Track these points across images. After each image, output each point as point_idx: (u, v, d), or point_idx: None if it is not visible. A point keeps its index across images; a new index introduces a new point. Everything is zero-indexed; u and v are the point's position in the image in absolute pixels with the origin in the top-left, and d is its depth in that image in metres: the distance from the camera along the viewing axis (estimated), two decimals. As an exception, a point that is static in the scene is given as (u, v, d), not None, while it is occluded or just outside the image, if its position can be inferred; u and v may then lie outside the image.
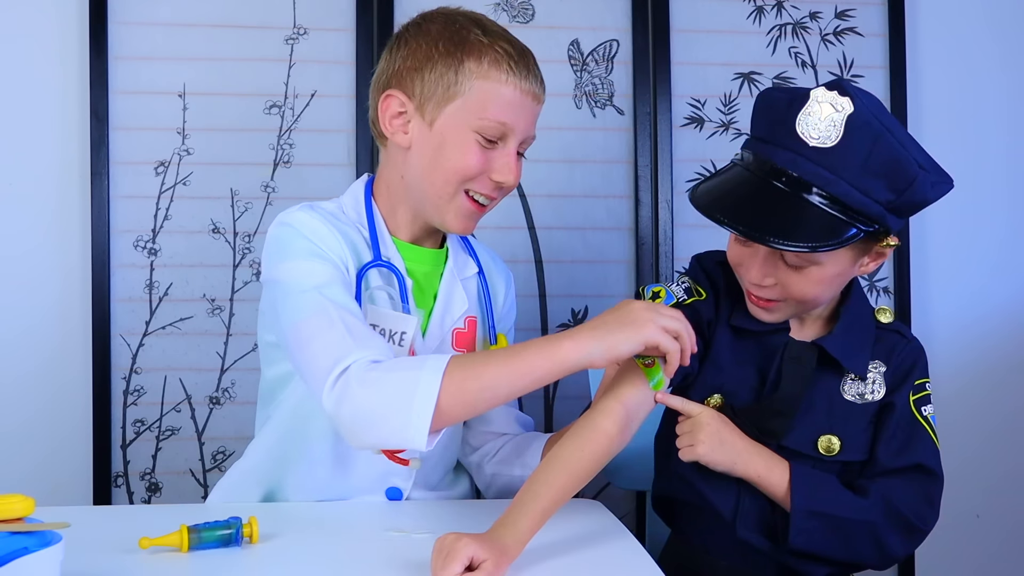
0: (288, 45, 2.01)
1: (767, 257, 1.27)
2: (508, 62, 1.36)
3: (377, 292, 1.40)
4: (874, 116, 1.20)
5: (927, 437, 1.33)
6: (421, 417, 1.17)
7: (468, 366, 1.20)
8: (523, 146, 1.42)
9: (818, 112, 1.20)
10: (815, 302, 1.31)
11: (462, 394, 1.19)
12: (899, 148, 1.20)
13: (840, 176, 1.19)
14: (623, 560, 1.19)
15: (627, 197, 2.07)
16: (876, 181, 1.20)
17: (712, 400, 1.34)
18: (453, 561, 1.06)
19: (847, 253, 1.25)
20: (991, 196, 2.16)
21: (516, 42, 1.40)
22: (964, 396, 2.15)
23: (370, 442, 1.23)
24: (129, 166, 1.97)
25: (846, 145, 1.18)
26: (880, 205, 1.21)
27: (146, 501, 1.98)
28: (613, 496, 1.98)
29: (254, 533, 1.19)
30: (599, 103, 2.07)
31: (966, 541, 2.14)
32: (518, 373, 1.20)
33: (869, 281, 2.10)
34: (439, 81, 1.36)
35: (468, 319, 1.48)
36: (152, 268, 1.98)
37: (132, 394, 1.97)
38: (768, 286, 1.28)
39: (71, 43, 1.98)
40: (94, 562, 1.11)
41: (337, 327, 1.25)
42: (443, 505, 1.42)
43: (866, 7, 2.11)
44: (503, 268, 1.61)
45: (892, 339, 1.37)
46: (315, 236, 1.35)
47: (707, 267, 1.40)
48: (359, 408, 1.20)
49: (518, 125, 1.38)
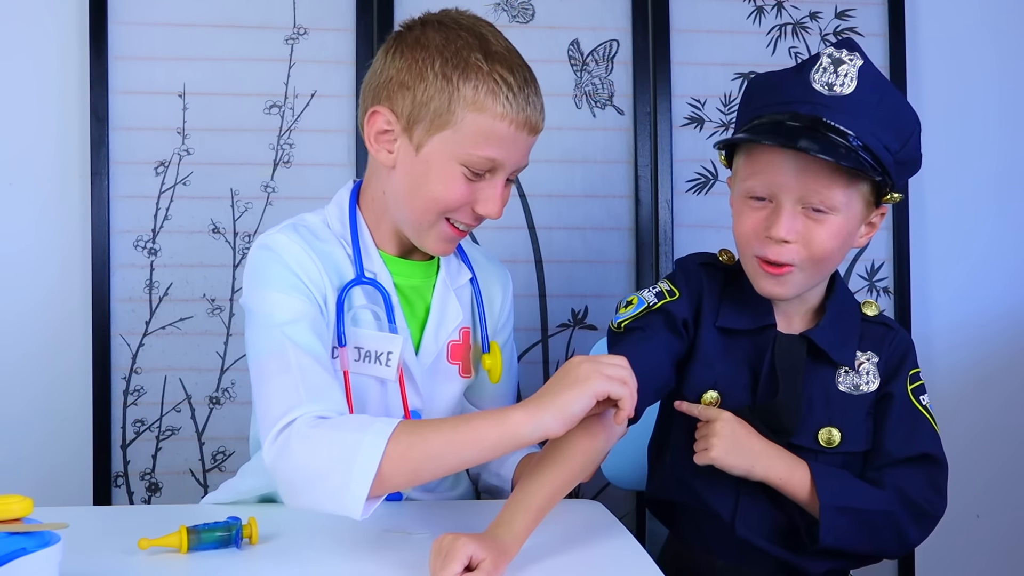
0: (288, 45, 2.01)
1: (791, 210, 1.28)
2: (506, 94, 1.29)
3: (361, 312, 1.36)
4: (878, 71, 1.28)
5: (928, 425, 1.36)
6: (360, 483, 1.11)
7: (415, 433, 1.14)
8: (513, 174, 1.36)
9: (831, 67, 1.27)
10: (828, 263, 1.32)
11: (406, 462, 1.12)
12: (902, 100, 1.29)
13: (858, 119, 1.25)
14: (623, 560, 1.19)
15: (627, 197, 2.07)
16: (886, 129, 1.26)
17: (707, 397, 1.35)
18: (452, 561, 1.06)
19: (859, 207, 1.30)
20: (991, 196, 2.16)
21: (518, 67, 1.32)
22: (964, 395, 2.15)
23: (304, 503, 1.16)
24: (129, 166, 1.97)
25: (861, 93, 1.25)
26: (889, 153, 1.27)
27: (146, 501, 1.98)
28: (613, 496, 1.98)
29: (254, 534, 1.19)
30: (599, 103, 2.06)
31: (966, 541, 2.14)
32: (466, 443, 1.13)
33: (869, 281, 2.10)
34: (430, 104, 1.29)
35: (463, 330, 1.46)
36: (152, 268, 1.98)
37: (132, 394, 1.97)
38: (791, 242, 1.28)
39: (71, 43, 1.98)
40: (93, 563, 1.11)
41: (292, 374, 1.21)
42: (442, 505, 1.42)
43: (866, 7, 2.11)
44: (500, 270, 1.56)
45: (880, 331, 1.39)
46: (294, 263, 1.31)
47: (688, 269, 1.41)
48: (297, 467, 1.15)
49: (509, 160, 1.32)
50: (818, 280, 1.35)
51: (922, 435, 1.35)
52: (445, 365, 1.44)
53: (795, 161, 1.26)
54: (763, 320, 1.36)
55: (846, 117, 1.25)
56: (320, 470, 1.13)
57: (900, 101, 1.29)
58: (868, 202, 1.31)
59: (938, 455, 1.35)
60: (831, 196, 1.26)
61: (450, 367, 1.44)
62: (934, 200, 2.15)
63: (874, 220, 1.34)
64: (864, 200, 1.30)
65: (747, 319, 1.36)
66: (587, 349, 1.76)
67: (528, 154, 1.36)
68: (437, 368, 1.42)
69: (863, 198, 1.29)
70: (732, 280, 1.40)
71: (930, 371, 2.16)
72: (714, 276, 1.40)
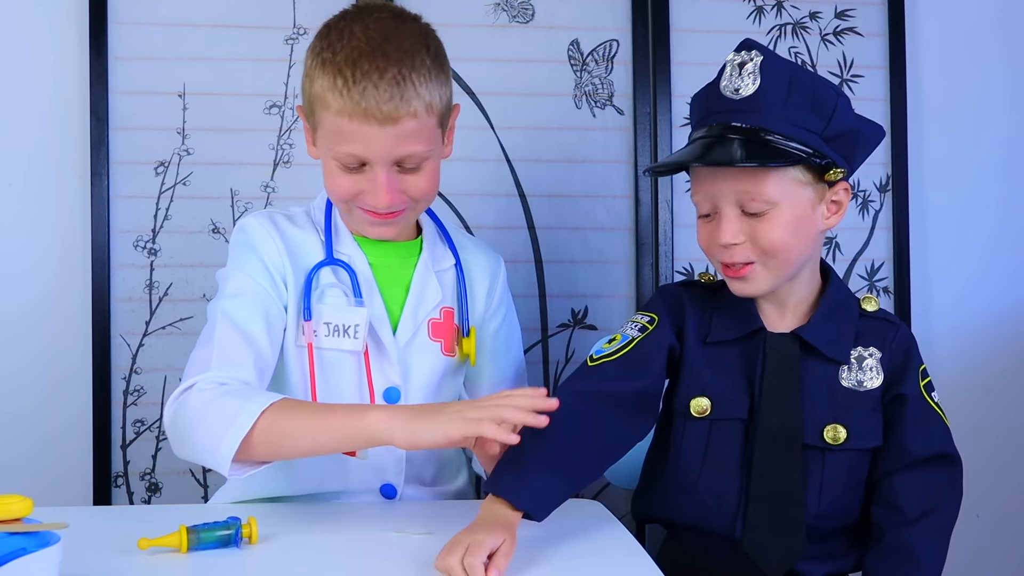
0: (288, 45, 2.00)
1: (730, 215, 1.31)
2: (341, 88, 1.27)
3: (329, 289, 1.40)
4: (784, 60, 1.32)
5: (942, 423, 1.38)
6: (229, 445, 1.19)
7: (286, 411, 1.21)
8: (407, 162, 1.33)
9: (736, 70, 1.31)
10: (786, 253, 1.32)
11: (269, 435, 1.20)
12: (815, 80, 1.31)
13: (768, 114, 1.28)
14: (623, 560, 1.19)
15: (627, 197, 2.07)
16: (803, 112, 1.28)
17: (697, 403, 1.35)
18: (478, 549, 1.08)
19: (802, 193, 1.31)
20: (991, 195, 2.16)
21: (368, 56, 1.27)
22: (965, 395, 2.15)
23: (186, 453, 1.27)
24: (129, 166, 1.97)
25: (766, 86, 1.29)
26: (814, 134, 1.28)
27: (146, 501, 1.98)
28: (613, 496, 1.98)
29: (253, 534, 1.19)
30: (599, 103, 2.06)
31: (966, 541, 2.14)
32: (321, 430, 1.20)
33: (869, 281, 2.10)
34: (307, 103, 1.36)
35: (444, 309, 1.47)
36: (152, 268, 1.98)
37: (132, 394, 1.97)
38: (739, 244, 1.31)
39: (71, 43, 1.98)
40: (93, 563, 1.11)
41: (214, 344, 1.31)
42: (443, 505, 1.42)
43: (866, 7, 2.11)
44: (489, 258, 1.56)
45: (881, 326, 1.40)
46: (258, 244, 1.38)
47: (667, 292, 1.44)
48: (185, 421, 1.25)
49: (370, 153, 1.30)
50: (789, 271, 1.35)
51: (938, 434, 1.37)
52: (425, 342, 1.44)
53: (720, 171, 1.31)
54: (751, 325, 1.37)
55: (755, 115, 1.29)
56: (201, 427, 1.23)
57: (813, 81, 1.31)
58: (813, 185, 1.31)
59: (953, 453, 1.37)
60: (762, 193, 1.29)
61: (431, 344, 1.45)
62: (934, 200, 2.15)
63: (838, 199, 1.34)
64: (806, 184, 1.31)
65: (736, 328, 1.38)
66: (587, 349, 1.76)
67: (408, 143, 1.31)
68: (416, 345, 1.44)
69: (802, 183, 1.31)
70: (716, 294, 1.42)
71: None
72: (696, 294, 1.43)
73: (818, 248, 1.39)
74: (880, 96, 2.10)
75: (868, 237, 2.10)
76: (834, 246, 2.09)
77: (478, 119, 2.03)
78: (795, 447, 1.33)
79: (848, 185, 1.35)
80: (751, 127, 1.28)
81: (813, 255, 1.38)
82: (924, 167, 2.14)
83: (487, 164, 2.03)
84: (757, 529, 1.33)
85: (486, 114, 2.03)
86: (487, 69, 2.02)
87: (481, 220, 2.03)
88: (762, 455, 1.34)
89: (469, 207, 2.02)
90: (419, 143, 1.32)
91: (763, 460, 1.33)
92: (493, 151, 2.04)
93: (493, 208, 2.03)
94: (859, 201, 2.10)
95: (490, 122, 2.03)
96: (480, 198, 2.03)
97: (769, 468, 1.33)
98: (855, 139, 1.33)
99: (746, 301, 1.38)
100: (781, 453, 1.33)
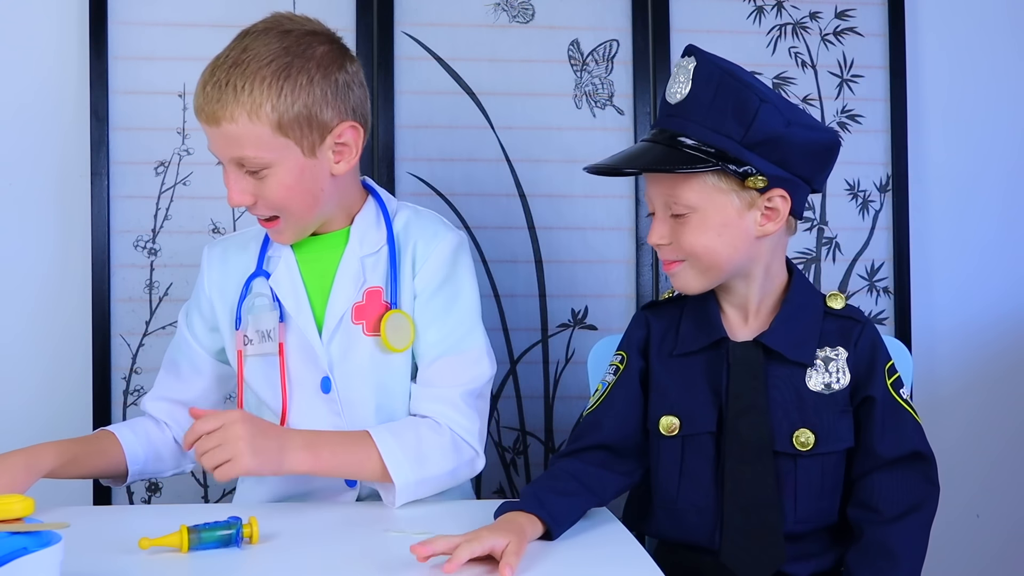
0: (288, 45, 2.00)
1: (661, 216, 1.35)
2: (197, 92, 1.39)
3: (257, 299, 1.49)
4: (716, 65, 1.31)
5: (912, 420, 1.37)
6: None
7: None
8: (247, 165, 1.38)
9: (677, 76, 1.34)
10: (709, 257, 1.33)
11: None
12: (740, 86, 1.30)
13: (692, 120, 1.31)
14: (623, 560, 1.19)
15: (627, 197, 2.07)
16: (725, 119, 1.29)
17: (666, 422, 1.37)
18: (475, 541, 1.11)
19: (724, 200, 1.32)
20: (991, 195, 2.16)
21: (221, 66, 1.38)
22: (965, 395, 2.15)
23: None
24: (129, 166, 1.97)
25: (695, 93, 1.31)
26: (733, 140, 1.29)
27: (146, 501, 1.98)
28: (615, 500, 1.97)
29: (254, 533, 1.20)
30: (599, 103, 2.07)
31: (966, 541, 2.14)
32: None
33: (869, 281, 2.10)
34: None
35: (368, 291, 1.46)
36: (152, 268, 1.98)
37: (132, 394, 1.97)
38: (666, 244, 1.35)
39: (71, 43, 1.98)
40: (94, 562, 1.11)
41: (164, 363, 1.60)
42: (443, 505, 1.42)
43: (866, 7, 2.11)
44: (433, 232, 1.50)
45: (846, 325, 1.39)
46: (201, 275, 1.57)
47: (634, 321, 1.48)
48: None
49: (215, 151, 1.40)
50: (720, 273, 1.35)
51: (908, 432, 1.35)
52: (350, 327, 1.46)
53: (650, 175, 1.35)
54: (715, 334, 1.38)
55: (681, 120, 1.32)
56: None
57: (739, 88, 1.29)
58: (737, 192, 1.31)
59: (925, 451, 1.36)
60: (682, 197, 1.32)
61: (354, 328, 1.46)
62: (934, 200, 2.15)
63: (773, 205, 1.32)
64: (727, 191, 1.31)
65: (701, 337, 1.39)
66: (587, 349, 1.76)
67: (234, 146, 1.37)
68: (343, 332, 1.46)
69: (723, 190, 1.31)
70: (683, 306, 1.43)
71: (930, 371, 2.16)
72: (662, 312, 1.45)
73: (761, 252, 1.35)
74: (880, 96, 2.10)
75: (868, 237, 2.10)
76: (834, 246, 2.10)
77: (478, 119, 2.03)
78: (765, 456, 1.33)
79: (785, 192, 1.31)
80: (672, 132, 1.32)
81: (754, 259, 1.36)
82: (924, 167, 2.14)
83: (487, 164, 2.03)
84: (734, 540, 1.33)
85: (486, 114, 2.03)
86: (487, 69, 2.02)
87: (481, 220, 2.03)
88: (734, 466, 1.34)
89: (469, 207, 2.02)
90: (248, 148, 1.36)
91: (735, 471, 1.34)
92: (493, 151, 2.04)
93: (493, 208, 2.03)
94: (859, 201, 2.10)
95: (490, 122, 2.03)
96: (480, 198, 2.03)
97: (742, 479, 1.34)
98: (779, 147, 1.30)
99: (709, 308, 1.39)
100: (752, 463, 1.33)
